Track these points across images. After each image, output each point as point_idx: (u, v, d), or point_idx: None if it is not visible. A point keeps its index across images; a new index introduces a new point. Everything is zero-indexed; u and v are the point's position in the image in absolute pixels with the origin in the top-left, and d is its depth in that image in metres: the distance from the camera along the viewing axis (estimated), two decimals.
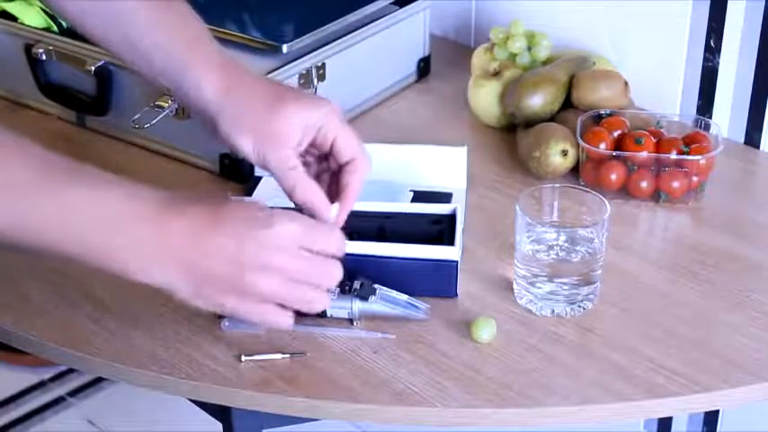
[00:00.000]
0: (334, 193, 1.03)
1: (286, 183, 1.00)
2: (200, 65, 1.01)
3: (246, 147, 0.99)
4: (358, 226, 1.14)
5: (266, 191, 1.26)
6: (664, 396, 1.01)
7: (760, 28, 1.35)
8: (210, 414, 1.11)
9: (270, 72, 1.33)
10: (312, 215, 0.99)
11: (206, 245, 0.90)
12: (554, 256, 1.10)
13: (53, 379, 2.19)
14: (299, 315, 0.99)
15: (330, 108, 1.01)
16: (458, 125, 1.46)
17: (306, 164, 1.03)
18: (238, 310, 0.94)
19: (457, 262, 1.11)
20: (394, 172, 1.26)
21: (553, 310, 1.10)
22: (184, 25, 1.04)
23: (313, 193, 0.99)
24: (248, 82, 1.02)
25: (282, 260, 0.93)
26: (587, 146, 1.27)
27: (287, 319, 0.97)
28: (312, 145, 1.02)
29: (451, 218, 1.16)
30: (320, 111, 1.01)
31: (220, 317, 1.07)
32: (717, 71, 1.40)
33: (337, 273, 0.97)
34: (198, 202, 0.93)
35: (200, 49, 1.02)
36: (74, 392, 2.16)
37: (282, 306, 0.96)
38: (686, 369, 1.04)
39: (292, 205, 1.01)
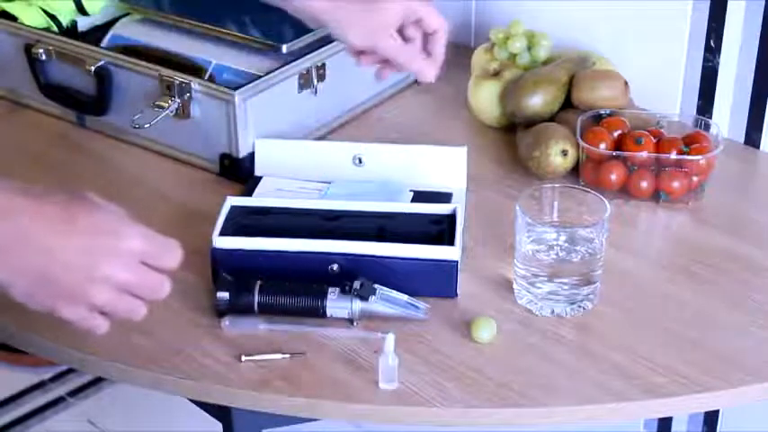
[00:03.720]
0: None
1: (397, 59, 1.22)
2: None
3: (357, 40, 1.20)
4: (358, 226, 1.15)
5: (266, 191, 1.26)
6: (664, 396, 1.01)
7: (760, 28, 1.35)
8: (210, 414, 1.11)
9: (270, 72, 1.33)
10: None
11: (54, 257, 0.89)
12: (554, 256, 1.10)
13: (53, 379, 2.18)
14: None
15: None
16: (458, 125, 1.46)
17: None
18: (67, 316, 0.92)
19: (457, 262, 1.11)
20: (394, 172, 1.26)
21: (553, 310, 1.10)
22: None
23: (418, 58, 1.23)
24: None
25: (125, 275, 0.91)
26: (587, 146, 1.27)
27: (105, 326, 0.94)
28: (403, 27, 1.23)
29: (451, 218, 1.16)
30: (405, 1, 1.21)
31: (221, 317, 1.08)
32: (717, 71, 1.40)
33: (166, 288, 0.94)
34: (48, 200, 0.90)
35: None
36: (74, 392, 2.16)
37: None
38: (686, 369, 1.04)
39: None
